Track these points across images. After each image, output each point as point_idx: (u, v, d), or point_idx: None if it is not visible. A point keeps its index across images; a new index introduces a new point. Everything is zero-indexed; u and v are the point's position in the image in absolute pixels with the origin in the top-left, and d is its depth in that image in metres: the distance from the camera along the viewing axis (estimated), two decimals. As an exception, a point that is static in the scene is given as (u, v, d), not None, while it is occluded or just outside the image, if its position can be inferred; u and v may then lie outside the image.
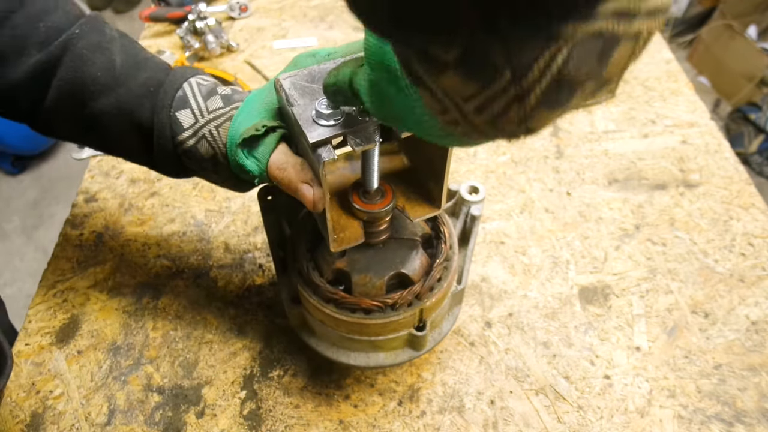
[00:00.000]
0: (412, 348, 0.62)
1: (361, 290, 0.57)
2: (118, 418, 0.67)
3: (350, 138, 0.44)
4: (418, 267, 0.59)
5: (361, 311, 0.57)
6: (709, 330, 0.75)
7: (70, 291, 0.80)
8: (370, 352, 0.62)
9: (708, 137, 1.00)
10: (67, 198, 2.45)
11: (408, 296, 0.57)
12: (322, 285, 0.58)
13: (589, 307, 0.77)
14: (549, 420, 0.67)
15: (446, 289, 0.60)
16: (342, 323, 0.58)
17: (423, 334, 0.59)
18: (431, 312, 0.60)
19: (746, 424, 0.66)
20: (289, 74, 0.49)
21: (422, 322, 0.60)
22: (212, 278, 0.81)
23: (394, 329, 0.59)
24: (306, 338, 0.64)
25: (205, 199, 0.91)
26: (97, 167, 0.96)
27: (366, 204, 0.53)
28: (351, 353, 0.62)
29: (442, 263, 0.60)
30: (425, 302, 0.58)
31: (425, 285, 0.58)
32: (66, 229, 0.87)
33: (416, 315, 0.58)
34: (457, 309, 0.67)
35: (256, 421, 0.67)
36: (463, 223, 0.69)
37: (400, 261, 0.58)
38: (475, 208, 0.67)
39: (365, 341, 0.60)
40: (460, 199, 0.69)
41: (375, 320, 0.57)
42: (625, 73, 0.28)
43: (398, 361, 0.62)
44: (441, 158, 0.50)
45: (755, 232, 0.85)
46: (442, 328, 0.65)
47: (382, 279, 0.57)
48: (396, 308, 0.57)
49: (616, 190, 0.92)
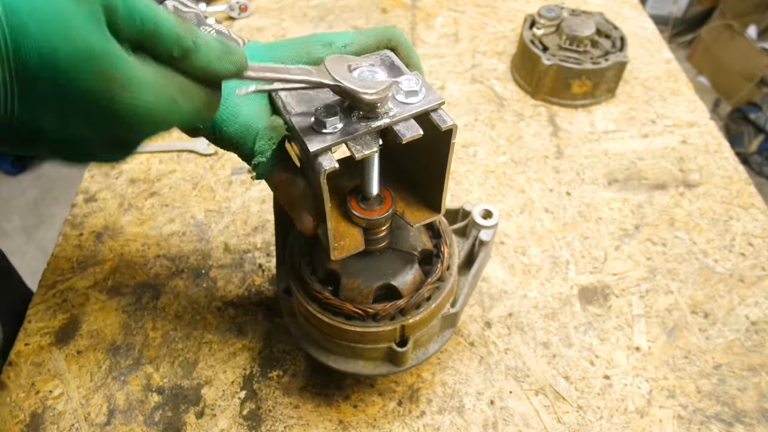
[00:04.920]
0: (391, 362, 0.61)
1: (348, 294, 0.57)
2: (118, 418, 0.67)
3: (351, 145, 0.44)
4: (410, 282, 0.58)
5: (342, 315, 0.57)
6: (708, 330, 0.75)
7: (70, 291, 0.79)
8: (349, 358, 0.61)
9: (708, 137, 1.00)
10: (67, 198, 2.45)
11: (390, 309, 0.56)
12: (310, 282, 0.58)
13: (588, 307, 0.77)
14: (549, 420, 0.67)
15: (435, 309, 0.58)
16: (324, 324, 0.58)
17: (403, 350, 0.58)
18: (415, 330, 0.59)
19: (746, 424, 0.66)
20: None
21: (404, 338, 0.58)
22: (212, 278, 0.80)
23: (373, 340, 0.58)
24: (294, 331, 0.64)
25: (205, 199, 0.91)
26: (97, 167, 0.96)
27: (365, 210, 0.53)
28: (331, 355, 0.61)
29: (434, 283, 0.58)
30: (408, 319, 0.57)
31: (411, 301, 0.56)
32: (66, 229, 0.87)
33: (397, 330, 0.57)
34: (448, 332, 0.64)
35: (256, 421, 0.67)
36: (471, 246, 0.66)
37: (392, 272, 0.57)
38: (485, 233, 0.64)
39: (345, 346, 0.59)
40: (471, 221, 0.65)
41: (354, 327, 0.56)
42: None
43: (376, 372, 0.61)
44: (441, 163, 0.49)
45: (755, 232, 0.85)
46: (428, 348, 0.62)
47: (371, 287, 0.56)
48: (377, 319, 0.56)
49: (616, 190, 0.92)
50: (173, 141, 1.00)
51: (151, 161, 0.97)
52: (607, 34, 1.07)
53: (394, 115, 0.44)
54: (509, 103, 1.07)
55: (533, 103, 1.07)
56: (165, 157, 0.97)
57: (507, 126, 1.02)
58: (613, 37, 1.06)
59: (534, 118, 1.04)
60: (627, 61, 1.02)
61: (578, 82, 1.02)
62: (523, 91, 1.09)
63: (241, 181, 0.93)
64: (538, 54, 1.02)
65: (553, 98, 1.06)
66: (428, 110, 0.45)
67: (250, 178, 0.93)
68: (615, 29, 1.08)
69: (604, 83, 1.03)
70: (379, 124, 0.44)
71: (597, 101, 1.06)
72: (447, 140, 0.47)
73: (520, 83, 1.10)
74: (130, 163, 0.96)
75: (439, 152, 0.49)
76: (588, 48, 1.03)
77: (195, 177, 0.94)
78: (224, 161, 0.96)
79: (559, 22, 1.06)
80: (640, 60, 1.15)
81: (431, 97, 0.45)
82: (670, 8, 2.97)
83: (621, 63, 1.02)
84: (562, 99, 1.05)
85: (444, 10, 1.28)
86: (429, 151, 0.51)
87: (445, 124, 0.45)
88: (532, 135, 1.01)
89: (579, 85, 1.02)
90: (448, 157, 0.48)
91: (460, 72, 1.13)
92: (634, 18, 1.26)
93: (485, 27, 1.24)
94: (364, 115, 0.44)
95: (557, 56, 1.02)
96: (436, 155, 0.50)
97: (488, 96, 1.08)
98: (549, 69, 1.01)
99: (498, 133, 1.01)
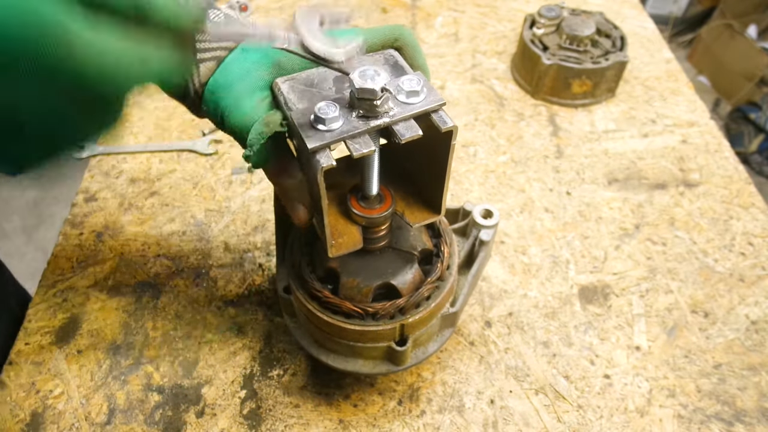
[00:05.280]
0: (391, 362, 0.61)
1: (347, 293, 0.57)
2: (118, 417, 0.67)
3: (349, 143, 0.44)
4: (410, 281, 0.58)
5: (342, 314, 0.57)
6: (708, 329, 0.75)
7: (70, 290, 0.80)
8: (348, 357, 0.61)
9: (708, 137, 1.00)
10: (67, 198, 2.45)
11: (390, 308, 0.56)
12: (310, 281, 0.58)
13: (589, 307, 0.77)
14: (549, 419, 0.67)
15: (434, 309, 0.58)
16: (323, 322, 0.58)
17: (402, 349, 0.58)
18: (415, 329, 0.59)
19: (746, 423, 0.66)
20: (287, 77, 0.48)
21: (403, 337, 0.58)
22: (212, 278, 0.81)
23: (372, 339, 0.58)
24: (293, 329, 0.64)
25: (205, 198, 0.91)
26: (97, 167, 0.96)
27: (365, 209, 0.53)
28: (331, 354, 0.61)
29: (434, 282, 0.58)
30: (408, 318, 0.57)
31: (411, 300, 0.56)
32: (66, 228, 0.87)
33: (396, 329, 0.57)
34: (448, 331, 0.64)
35: (256, 421, 0.67)
36: (471, 246, 0.66)
37: (392, 272, 0.57)
38: (485, 232, 0.64)
39: (344, 345, 0.59)
40: (471, 221, 0.65)
41: (354, 326, 0.56)
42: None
43: (376, 371, 0.61)
44: (441, 164, 0.49)
45: (755, 232, 0.85)
46: (428, 347, 0.62)
47: (370, 286, 0.56)
48: (377, 318, 0.56)
49: (616, 189, 0.92)
50: (173, 141, 1.00)
51: (152, 161, 0.97)
52: (607, 34, 1.07)
53: (394, 115, 0.44)
54: (509, 102, 1.07)
55: (533, 103, 1.07)
56: (165, 156, 0.97)
57: (507, 126, 1.02)
58: (613, 37, 1.06)
59: (534, 118, 1.04)
60: (627, 61, 1.02)
61: (578, 81, 1.02)
62: (523, 90, 1.09)
63: (242, 180, 0.93)
64: (538, 53, 1.02)
65: (553, 98, 1.06)
66: (429, 111, 0.45)
67: (248, 174, 0.93)
68: (615, 29, 1.08)
69: (604, 83, 1.03)
70: (378, 123, 0.44)
71: (597, 101, 1.06)
72: (447, 142, 0.46)
73: (520, 83, 1.10)
74: (130, 163, 0.96)
75: (440, 153, 0.49)
76: (588, 47, 1.03)
77: (195, 176, 0.94)
78: (224, 161, 0.96)
79: (559, 22, 1.06)
80: (640, 60, 1.15)
81: (432, 98, 0.45)
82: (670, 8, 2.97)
83: (621, 62, 1.02)
84: (562, 99, 1.05)
85: (444, 10, 1.28)
86: (429, 152, 0.51)
87: (446, 126, 0.45)
88: (532, 135, 1.01)
89: (579, 84, 1.02)
90: (448, 159, 0.48)
91: (460, 72, 1.13)
92: (634, 17, 1.26)
93: (485, 27, 1.24)
94: (363, 114, 0.44)
95: (557, 56, 1.02)
96: (436, 156, 0.50)
97: (488, 96, 1.08)
98: (549, 68, 1.01)
99: (498, 133, 1.01)
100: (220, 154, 0.97)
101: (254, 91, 0.48)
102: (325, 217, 0.48)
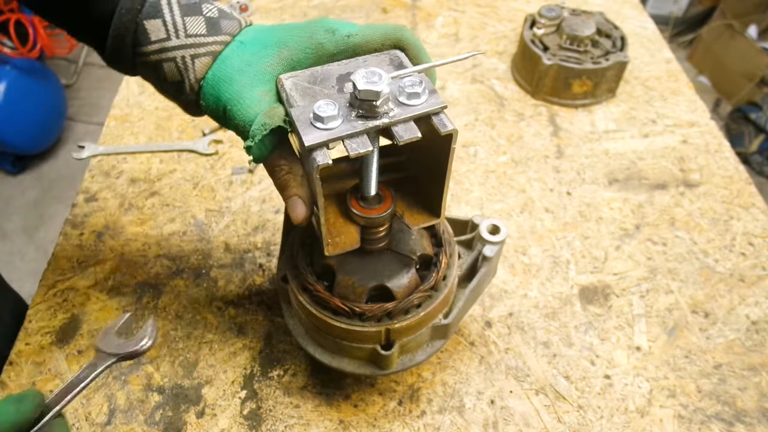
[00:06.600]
0: (376, 365, 0.60)
1: (342, 291, 0.57)
2: (119, 417, 0.67)
3: (347, 143, 0.44)
4: (405, 285, 0.57)
5: (330, 310, 0.57)
6: (709, 330, 0.75)
7: (71, 290, 0.80)
8: (335, 354, 0.61)
9: (708, 137, 1.00)
10: (67, 198, 2.45)
11: (378, 311, 0.56)
12: (304, 273, 0.58)
13: (589, 307, 0.77)
14: (549, 420, 0.67)
15: (424, 317, 0.58)
16: (311, 315, 0.58)
17: (387, 354, 0.57)
18: (402, 335, 0.58)
19: (746, 423, 0.66)
20: (291, 74, 0.49)
21: (389, 341, 0.58)
22: (212, 278, 0.81)
23: (358, 339, 0.57)
24: (288, 317, 0.64)
25: (206, 198, 0.91)
26: (98, 167, 0.96)
27: (363, 209, 0.53)
28: (318, 348, 0.62)
29: (427, 291, 0.58)
30: (395, 323, 0.56)
31: (399, 306, 0.56)
32: (66, 228, 0.87)
33: (382, 332, 0.57)
34: (439, 342, 0.63)
35: (256, 421, 0.67)
36: (474, 260, 0.65)
37: (388, 274, 0.57)
38: (489, 248, 0.63)
39: (330, 341, 0.59)
40: (478, 235, 0.64)
41: (340, 323, 0.56)
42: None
43: (360, 371, 0.60)
44: (441, 167, 0.49)
45: (755, 232, 0.85)
46: (415, 356, 0.62)
47: (364, 286, 0.56)
48: (363, 319, 0.56)
49: (616, 189, 0.92)
50: (174, 141, 1.00)
51: (152, 161, 0.97)
52: (607, 34, 1.07)
53: (393, 116, 0.44)
54: (509, 102, 1.07)
55: (533, 103, 1.07)
56: (165, 156, 0.97)
57: (507, 126, 1.02)
58: (613, 37, 1.06)
59: (534, 118, 1.04)
60: (627, 61, 1.02)
61: (579, 81, 1.02)
62: (524, 90, 1.09)
63: (242, 180, 0.93)
64: (539, 54, 1.02)
65: (553, 98, 1.06)
66: (429, 113, 0.45)
67: (249, 174, 0.93)
68: (615, 29, 1.08)
69: (604, 83, 1.03)
70: (377, 124, 0.44)
71: (597, 101, 1.06)
72: (447, 145, 0.46)
73: (520, 83, 1.10)
74: (131, 163, 0.96)
75: (440, 156, 0.48)
76: (588, 48, 1.03)
77: (195, 177, 0.94)
78: (224, 161, 0.96)
79: (559, 22, 1.06)
80: (641, 60, 1.15)
81: (433, 100, 0.45)
82: (670, 8, 2.97)
83: (621, 63, 1.02)
84: (563, 99, 1.05)
85: (444, 10, 1.28)
86: (430, 155, 0.51)
87: (445, 129, 0.44)
88: (533, 135, 1.01)
89: (579, 84, 1.02)
90: (448, 162, 0.48)
91: (461, 72, 1.13)
92: (634, 18, 1.26)
93: (485, 27, 1.24)
94: (363, 114, 0.44)
95: (558, 56, 1.02)
96: (436, 159, 0.50)
97: (488, 96, 1.08)
98: (549, 69, 1.01)
99: (498, 133, 1.01)
100: (220, 154, 0.97)
101: (256, 83, 0.49)
102: (321, 215, 0.48)
